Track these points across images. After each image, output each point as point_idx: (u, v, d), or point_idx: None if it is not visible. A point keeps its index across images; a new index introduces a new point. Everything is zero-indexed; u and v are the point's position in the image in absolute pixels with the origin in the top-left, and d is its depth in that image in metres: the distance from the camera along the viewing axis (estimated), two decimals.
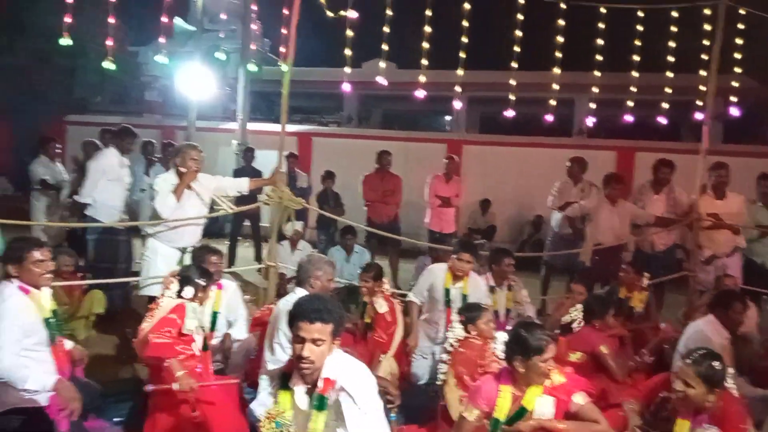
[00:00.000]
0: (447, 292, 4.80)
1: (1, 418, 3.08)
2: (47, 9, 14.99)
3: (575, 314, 4.34)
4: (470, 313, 3.85)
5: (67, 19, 5.55)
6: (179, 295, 3.55)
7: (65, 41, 5.63)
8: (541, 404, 2.76)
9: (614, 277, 5.65)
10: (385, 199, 7.95)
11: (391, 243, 7.74)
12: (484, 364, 3.64)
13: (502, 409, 2.79)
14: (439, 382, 3.70)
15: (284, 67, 5.30)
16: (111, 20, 6.06)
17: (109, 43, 6.08)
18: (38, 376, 2.99)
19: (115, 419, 3.75)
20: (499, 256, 5.25)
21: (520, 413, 2.76)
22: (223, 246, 7.39)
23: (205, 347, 3.55)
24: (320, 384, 2.39)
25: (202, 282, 3.60)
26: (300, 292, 3.70)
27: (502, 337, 3.66)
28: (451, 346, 3.74)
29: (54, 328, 3.25)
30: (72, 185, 7.13)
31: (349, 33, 5.94)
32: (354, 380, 2.38)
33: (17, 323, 3.04)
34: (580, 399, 2.80)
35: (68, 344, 3.51)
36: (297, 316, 2.38)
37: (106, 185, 5.96)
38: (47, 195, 7.22)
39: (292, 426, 2.29)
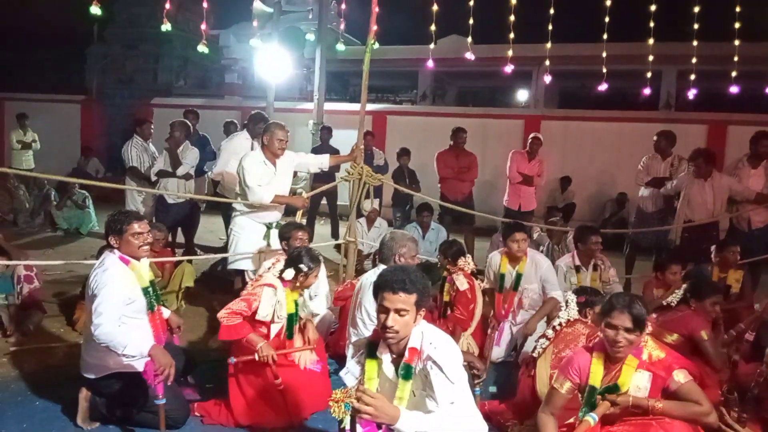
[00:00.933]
0: (502, 277, 4.79)
1: (102, 381, 3.29)
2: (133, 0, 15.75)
3: (680, 294, 4.10)
4: (593, 297, 3.74)
5: (166, 5, 5.74)
6: (281, 276, 3.62)
7: (165, 27, 5.82)
8: (636, 379, 2.65)
9: (706, 256, 5.38)
10: (460, 177, 7.86)
11: (466, 220, 7.65)
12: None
13: (597, 377, 2.70)
14: (535, 354, 3.62)
15: (374, 45, 5.30)
16: (204, 5, 6.21)
17: (203, 27, 6.26)
18: (137, 342, 3.11)
19: (207, 386, 3.93)
20: (585, 234, 5.09)
21: (612, 389, 2.66)
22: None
23: (290, 335, 3.63)
24: (407, 354, 2.42)
25: (305, 267, 3.62)
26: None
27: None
28: (560, 325, 3.66)
29: (152, 296, 3.41)
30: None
31: (434, 8, 5.85)
32: (441, 350, 2.39)
33: (117, 292, 3.18)
34: (681, 377, 2.63)
35: (166, 313, 3.68)
36: (381, 286, 2.41)
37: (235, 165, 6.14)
38: (136, 179, 7.52)
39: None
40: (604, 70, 6.45)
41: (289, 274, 3.58)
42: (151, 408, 3.24)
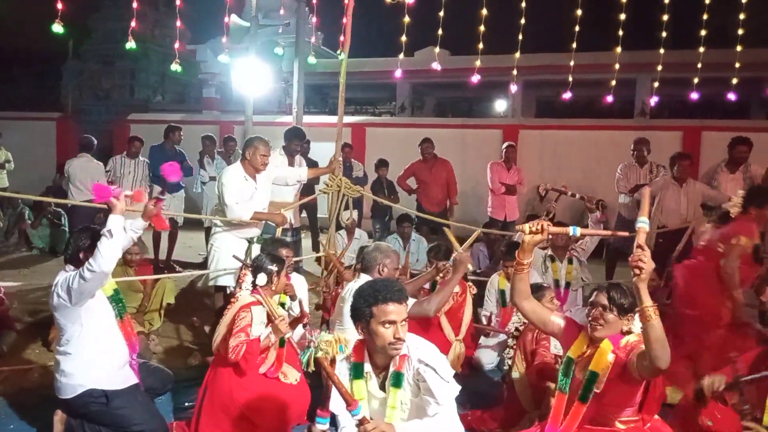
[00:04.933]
0: (502, 293, 4.96)
1: (77, 401, 3.18)
2: (109, 15, 15.67)
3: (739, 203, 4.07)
4: (532, 294, 3.76)
5: (131, 24, 5.71)
6: (254, 285, 3.59)
7: (130, 45, 5.79)
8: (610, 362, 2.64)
9: (679, 260, 5.44)
10: (436, 187, 7.88)
11: (443, 231, 7.65)
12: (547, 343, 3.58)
13: (576, 350, 2.74)
14: (506, 367, 3.65)
15: (340, 56, 5.32)
16: (178, 24, 6.19)
17: (177, 46, 6.23)
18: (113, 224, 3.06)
19: (186, 404, 3.87)
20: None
21: (590, 379, 2.62)
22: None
23: (282, 343, 3.59)
24: (396, 361, 2.41)
25: (274, 268, 3.61)
26: (365, 279, 3.74)
27: None
28: (517, 330, 3.69)
29: (119, 305, 3.37)
30: None
31: (406, 19, 5.90)
32: (427, 353, 2.40)
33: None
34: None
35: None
36: (381, 299, 2.34)
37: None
38: None
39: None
40: (570, 79, 6.55)
41: (262, 279, 3.56)
42: (130, 429, 3.17)
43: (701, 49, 6.82)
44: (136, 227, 3.52)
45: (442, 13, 6.07)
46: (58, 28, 4.88)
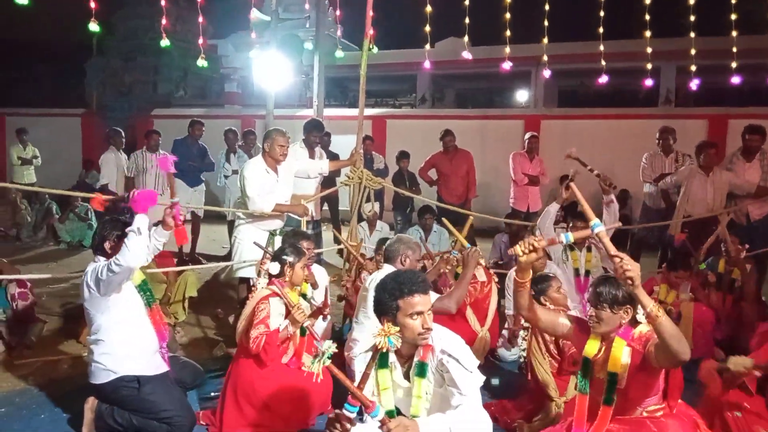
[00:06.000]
0: None
1: (107, 386, 3.27)
2: (132, 11, 15.82)
3: None
4: (538, 285, 3.75)
5: (162, 21, 5.78)
6: (270, 276, 3.63)
7: (164, 42, 5.87)
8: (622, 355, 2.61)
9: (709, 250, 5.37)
10: (457, 178, 7.84)
11: (464, 222, 7.64)
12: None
13: (591, 350, 2.70)
14: (521, 359, 3.63)
15: (374, 50, 5.30)
16: (200, 20, 6.24)
17: (200, 41, 6.28)
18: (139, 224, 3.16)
19: (212, 394, 3.92)
20: (573, 216, 5.20)
21: (611, 381, 2.60)
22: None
23: (303, 332, 3.61)
24: (420, 352, 2.42)
25: (288, 258, 3.64)
26: (389, 269, 3.75)
27: None
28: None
29: (147, 294, 3.43)
30: None
31: (428, 9, 5.86)
32: (451, 343, 2.40)
33: None
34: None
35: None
36: (407, 291, 2.35)
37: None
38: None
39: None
40: (603, 64, 6.43)
41: (274, 268, 3.59)
42: (159, 415, 3.24)
43: (734, 33, 6.66)
44: (159, 235, 3.60)
45: (467, 2, 6.00)
46: (94, 26, 4.96)
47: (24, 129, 11.15)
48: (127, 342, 3.26)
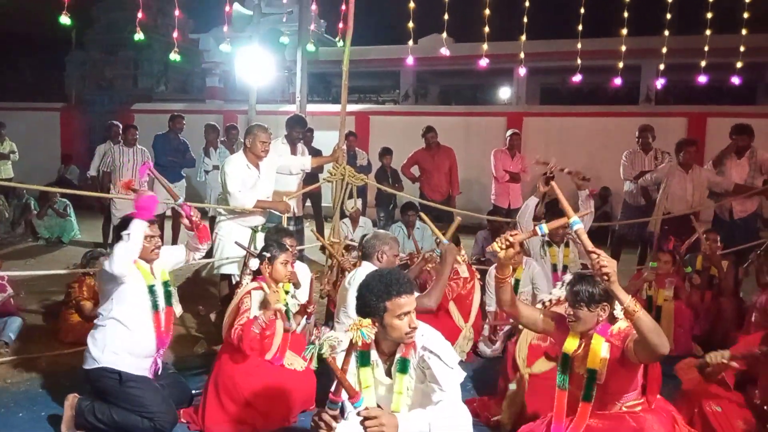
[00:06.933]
0: None
1: (93, 373, 3.29)
2: (112, 4, 15.60)
3: None
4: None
5: (138, 15, 5.71)
6: (254, 273, 3.62)
7: (138, 36, 5.79)
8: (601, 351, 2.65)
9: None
10: (439, 175, 7.86)
11: (446, 219, 7.68)
12: None
13: (570, 346, 2.72)
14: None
15: (339, 43, 5.30)
16: (177, 13, 6.17)
17: (175, 35, 6.22)
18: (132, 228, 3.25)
19: (193, 392, 3.90)
20: (553, 214, 5.23)
21: (590, 377, 2.63)
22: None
23: (288, 316, 3.63)
24: (402, 348, 2.43)
25: (266, 254, 3.64)
26: (367, 266, 3.76)
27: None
28: (549, 302, 3.69)
29: (156, 296, 3.40)
30: None
31: (411, 5, 5.86)
32: (432, 339, 2.41)
33: None
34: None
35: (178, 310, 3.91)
36: (396, 293, 2.34)
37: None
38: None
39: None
40: (578, 63, 6.49)
41: (254, 263, 3.61)
42: (141, 410, 3.22)
43: (708, 32, 6.76)
44: (193, 241, 3.85)
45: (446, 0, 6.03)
46: (65, 19, 4.88)
47: (1, 123, 10.94)
48: (116, 338, 3.27)
